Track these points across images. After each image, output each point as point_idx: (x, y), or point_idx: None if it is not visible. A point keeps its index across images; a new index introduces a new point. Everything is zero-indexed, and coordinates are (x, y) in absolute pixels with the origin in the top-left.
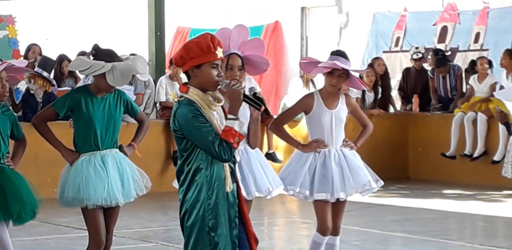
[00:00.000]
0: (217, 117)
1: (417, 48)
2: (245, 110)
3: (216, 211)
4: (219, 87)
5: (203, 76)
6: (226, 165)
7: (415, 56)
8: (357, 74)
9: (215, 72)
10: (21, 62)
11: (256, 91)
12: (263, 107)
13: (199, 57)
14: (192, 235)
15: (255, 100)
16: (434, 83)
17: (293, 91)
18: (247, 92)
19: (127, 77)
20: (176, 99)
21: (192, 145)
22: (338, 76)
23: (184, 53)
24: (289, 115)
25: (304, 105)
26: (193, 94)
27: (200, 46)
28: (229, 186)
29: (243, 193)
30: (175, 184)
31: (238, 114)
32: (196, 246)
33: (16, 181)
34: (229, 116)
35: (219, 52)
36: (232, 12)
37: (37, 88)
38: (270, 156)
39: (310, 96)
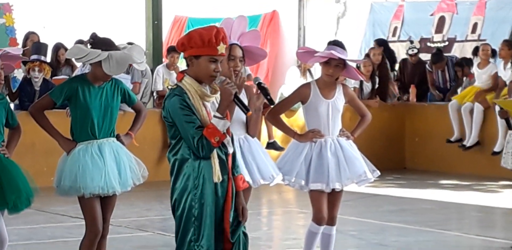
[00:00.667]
0: (211, 108)
1: (412, 42)
2: (244, 100)
3: (202, 201)
4: (214, 82)
5: (200, 68)
6: (215, 155)
7: (410, 52)
8: (354, 64)
9: (212, 66)
10: (16, 50)
11: (260, 81)
12: (250, 113)
13: (199, 48)
14: (181, 225)
15: (244, 104)
16: (433, 76)
17: (290, 81)
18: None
19: (123, 66)
20: (169, 87)
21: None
22: (335, 66)
23: (186, 40)
24: (286, 105)
25: (301, 95)
26: (187, 83)
27: (202, 38)
28: (217, 177)
29: (249, 180)
30: None
31: (224, 114)
32: (183, 235)
33: (12, 170)
34: (216, 114)
35: (221, 48)
36: (230, 1)
37: (41, 75)
38: (272, 145)
39: (307, 86)
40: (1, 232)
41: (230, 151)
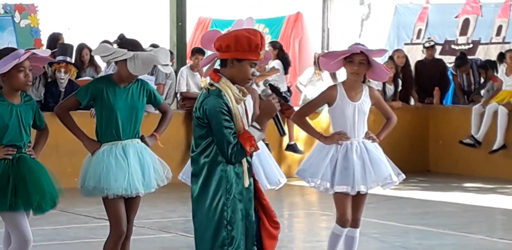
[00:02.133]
0: (240, 111)
1: (429, 38)
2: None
3: (234, 205)
4: (262, 93)
5: (240, 71)
6: (244, 160)
7: (427, 44)
8: (379, 60)
9: (252, 70)
10: (44, 52)
11: (269, 82)
12: (285, 135)
13: (244, 52)
14: (210, 229)
15: (282, 126)
16: (458, 79)
17: (305, 80)
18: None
19: (148, 66)
20: (206, 87)
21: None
22: (359, 64)
23: (232, 43)
24: (312, 107)
25: (327, 97)
26: (224, 85)
27: (249, 43)
28: (247, 181)
29: None
30: (182, 177)
31: (264, 127)
32: (214, 239)
33: (37, 171)
34: (255, 124)
35: (262, 54)
36: (254, 2)
37: (67, 76)
38: (292, 147)
39: (333, 88)
40: (26, 233)
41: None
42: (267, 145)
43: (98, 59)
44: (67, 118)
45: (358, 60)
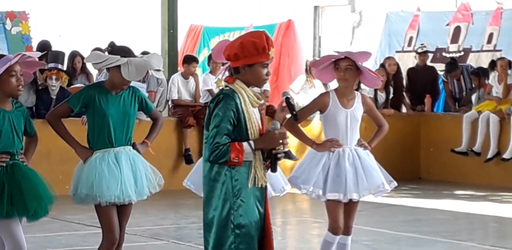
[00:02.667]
0: (256, 116)
1: (422, 44)
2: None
3: (242, 209)
4: (271, 126)
5: (254, 75)
6: (256, 162)
7: (419, 50)
8: (366, 65)
9: (265, 70)
10: (35, 54)
11: (288, 96)
12: (275, 172)
13: (253, 56)
14: (217, 231)
15: (276, 162)
16: (449, 86)
17: (297, 88)
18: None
19: (142, 72)
20: (220, 87)
21: None
22: (345, 69)
23: (239, 51)
24: (304, 113)
25: (319, 104)
26: (239, 86)
27: (256, 47)
28: (255, 183)
29: None
30: (186, 184)
31: (257, 150)
32: (220, 242)
33: (32, 177)
34: (251, 143)
35: (271, 53)
36: (245, 10)
37: (58, 83)
38: (286, 154)
39: (326, 95)
40: (20, 240)
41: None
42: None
43: (90, 66)
44: (59, 126)
45: (344, 66)
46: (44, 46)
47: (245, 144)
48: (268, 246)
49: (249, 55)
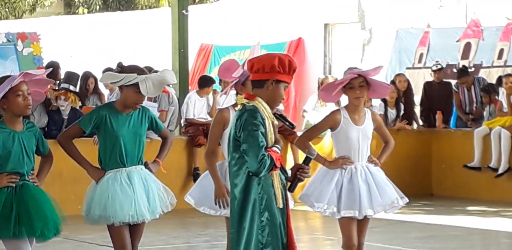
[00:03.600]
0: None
1: (437, 61)
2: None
3: (268, 228)
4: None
5: (276, 93)
6: (276, 180)
7: (434, 68)
8: (376, 78)
9: (283, 92)
10: (39, 72)
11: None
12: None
13: (284, 74)
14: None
15: (299, 181)
16: (460, 96)
17: (309, 108)
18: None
19: (160, 87)
20: (242, 103)
21: None
22: (359, 87)
23: (277, 63)
24: (316, 131)
25: (331, 121)
26: (260, 103)
27: (290, 65)
28: (280, 202)
29: None
30: (186, 198)
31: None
32: None
33: (40, 198)
34: (278, 147)
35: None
36: (255, 28)
37: (67, 104)
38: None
39: (337, 112)
40: None
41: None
42: None
43: (101, 87)
44: (70, 147)
45: (358, 84)
46: (52, 67)
47: (275, 148)
48: None
49: (282, 71)
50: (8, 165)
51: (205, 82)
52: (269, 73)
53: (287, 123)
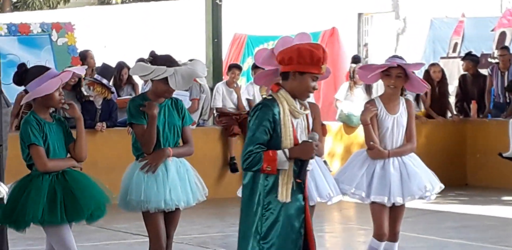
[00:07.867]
0: (300, 126)
1: (470, 51)
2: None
3: (271, 221)
4: (310, 136)
5: (301, 84)
6: (284, 175)
7: (465, 57)
8: (415, 72)
9: (313, 83)
10: (81, 69)
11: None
12: (299, 180)
13: (306, 65)
14: (243, 242)
15: (304, 172)
16: (492, 79)
17: (341, 96)
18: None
19: (189, 81)
20: (263, 95)
21: None
22: (396, 77)
23: (295, 55)
24: (368, 130)
25: (371, 112)
26: (281, 96)
27: (312, 56)
28: (284, 196)
29: None
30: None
31: (292, 159)
32: None
33: (84, 180)
34: (286, 152)
35: (324, 68)
36: (289, 18)
37: (95, 95)
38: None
39: (371, 103)
40: (71, 247)
41: (310, 168)
42: (324, 162)
43: (136, 77)
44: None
45: (395, 74)
46: (82, 57)
47: (279, 152)
48: None
49: (303, 62)
50: (48, 155)
51: (229, 67)
52: (290, 65)
53: (300, 171)
